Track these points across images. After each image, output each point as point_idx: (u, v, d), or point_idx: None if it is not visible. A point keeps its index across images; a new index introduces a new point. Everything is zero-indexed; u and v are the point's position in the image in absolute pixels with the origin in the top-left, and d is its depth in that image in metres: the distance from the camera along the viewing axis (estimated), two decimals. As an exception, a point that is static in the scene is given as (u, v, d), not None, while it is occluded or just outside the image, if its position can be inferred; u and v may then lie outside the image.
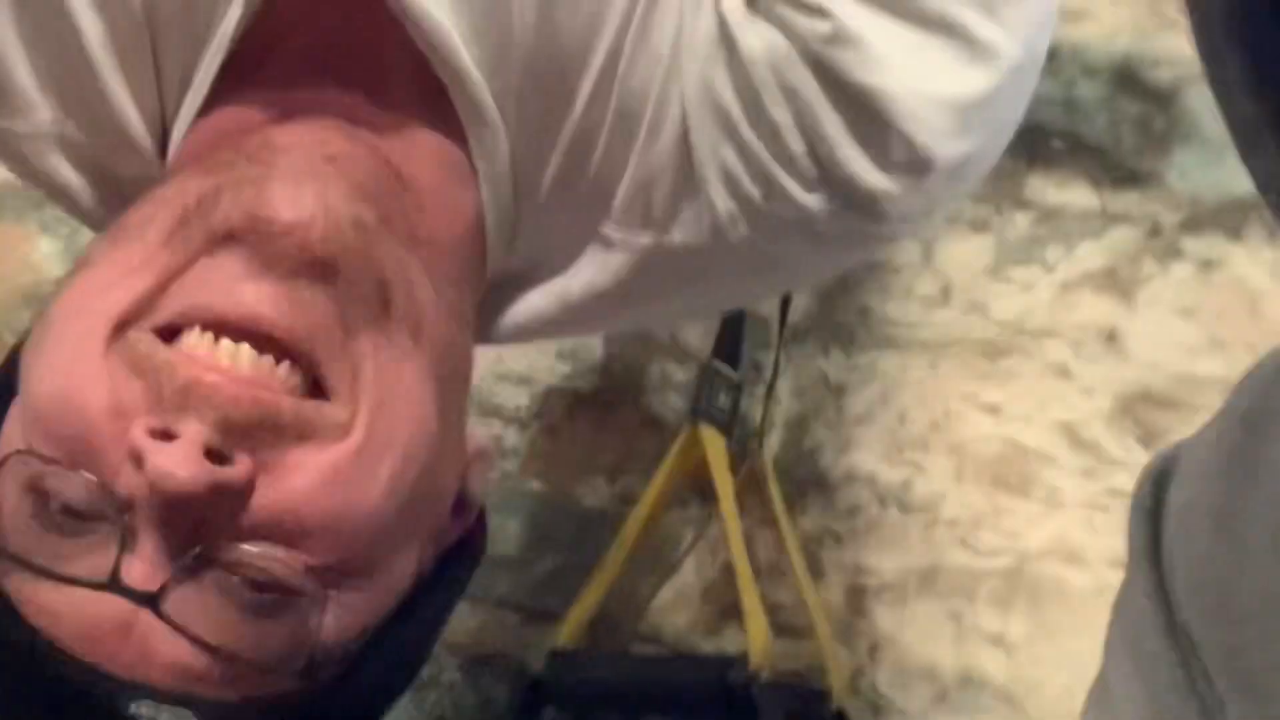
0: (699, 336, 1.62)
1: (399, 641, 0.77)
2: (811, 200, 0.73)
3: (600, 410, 1.65)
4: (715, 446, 1.52)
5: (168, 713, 0.69)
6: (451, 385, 0.77)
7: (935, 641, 1.55)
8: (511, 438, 1.65)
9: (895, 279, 1.67)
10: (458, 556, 0.82)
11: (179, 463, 0.65)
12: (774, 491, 1.55)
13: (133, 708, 0.68)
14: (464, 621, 1.57)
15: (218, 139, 0.73)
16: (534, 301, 0.84)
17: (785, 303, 1.58)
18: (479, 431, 0.84)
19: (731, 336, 1.57)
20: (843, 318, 1.67)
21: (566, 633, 1.49)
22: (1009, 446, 1.61)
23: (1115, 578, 1.62)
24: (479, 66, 0.73)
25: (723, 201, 0.74)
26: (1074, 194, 1.69)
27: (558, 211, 0.79)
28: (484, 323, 0.85)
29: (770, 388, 1.58)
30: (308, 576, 0.70)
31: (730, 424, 1.55)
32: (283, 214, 0.68)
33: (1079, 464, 1.59)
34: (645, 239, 0.77)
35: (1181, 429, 1.53)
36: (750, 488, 1.56)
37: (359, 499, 0.71)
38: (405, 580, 0.77)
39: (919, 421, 1.62)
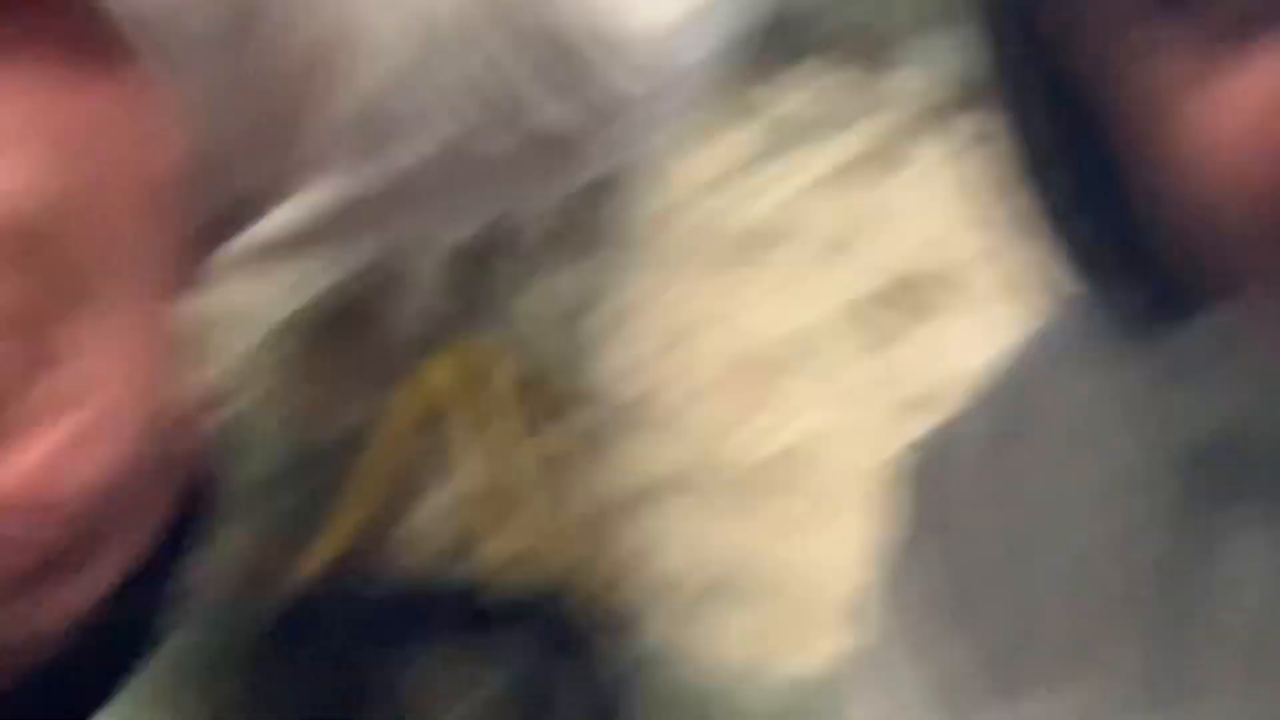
0: (436, 258, 1.61)
1: (139, 603, 0.76)
2: (501, 147, 0.72)
3: (338, 338, 1.64)
4: (453, 370, 1.52)
5: None
6: (165, 346, 0.76)
7: (685, 548, 1.57)
8: (249, 372, 1.63)
9: (631, 192, 1.68)
10: (194, 508, 0.81)
11: None
12: (515, 410, 1.55)
13: None
14: (215, 561, 1.55)
15: None
16: (243, 240, 0.83)
17: (528, 217, 1.58)
18: (202, 377, 0.83)
19: (478, 252, 1.56)
20: (581, 232, 1.67)
21: (315, 563, 1.48)
22: (750, 351, 1.64)
23: (860, 469, 1.65)
24: (166, 9, 0.71)
25: (405, 154, 0.73)
26: (803, 97, 1.72)
27: (251, 160, 0.78)
28: (199, 262, 0.83)
29: (508, 304, 1.58)
30: (27, 565, 0.69)
31: (469, 344, 1.54)
32: None
33: (817, 367, 1.62)
34: (331, 188, 0.76)
35: (917, 328, 1.58)
36: (493, 408, 1.57)
37: (77, 481, 0.69)
38: (139, 546, 0.76)
39: (661, 330, 1.64)
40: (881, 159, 1.69)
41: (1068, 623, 0.51)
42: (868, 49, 1.72)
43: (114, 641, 0.78)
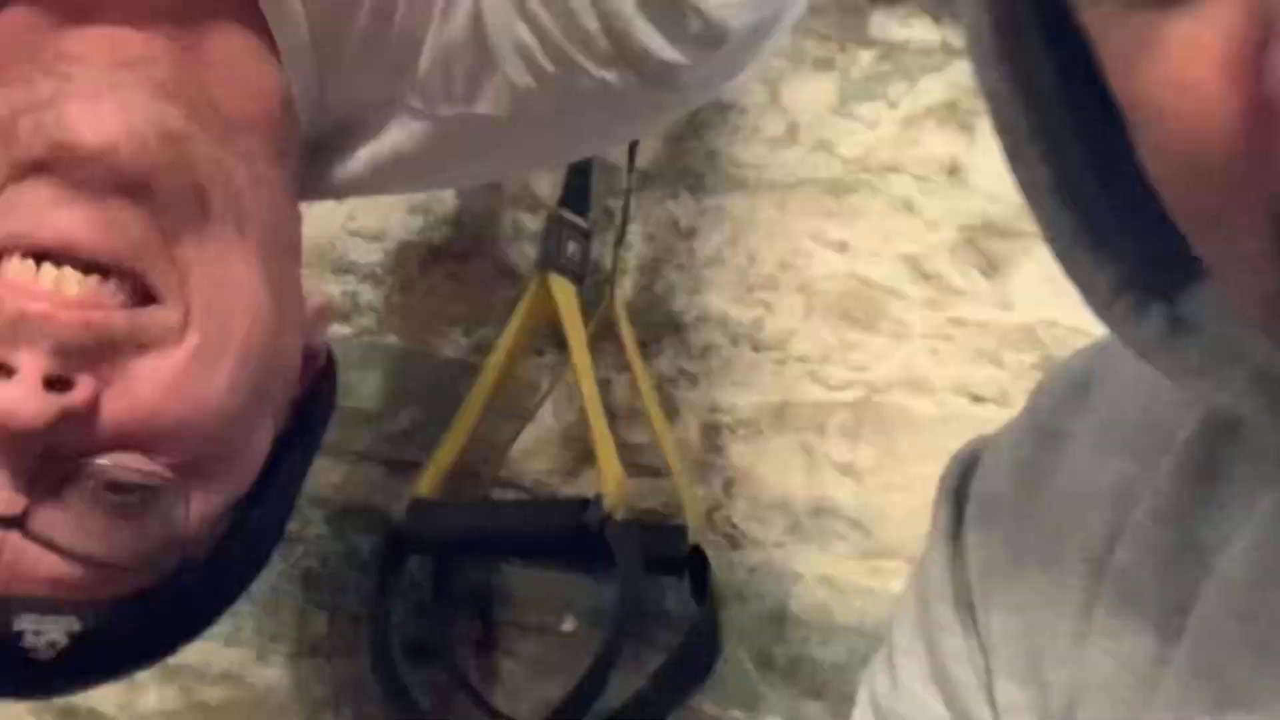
0: (549, 186, 1.63)
1: (265, 507, 0.80)
2: (608, 75, 0.74)
3: (454, 263, 1.67)
4: (566, 294, 1.54)
5: (50, 622, 0.71)
6: (283, 260, 0.79)
7: (788, 474, 1.59)
8: (367, 294, 1.66)
9: (742, 120, 1.69)
10: (311, 411, 0.84)
11: (20, 399, 0.66)
12: (627, 336, 1.57)
13: (16, 623, 0.70)
14: (328, 475, 1.59)
15: (8, 46, 0.72)
16: (349, 163, 0.85)
17: (632, 149, 1.59)
18: (321, 289, 0.86)
19: (579, 185, 1.58)
20: (691, 161, 1.68)
21: (427, 482, 1.52)
22: (856, 282, 1.64)
23: (958, 404, 1.67)
24: None
25: (520, 77, 0.75)
26: (916, 29, 1.71)
27: (362, 82, 0.80)
28: (309, 184, 0.86)
29: (620, 234, 1.60)
30: (166, 475, 0.72)
31: (581, 271, 1.57)
32: (86, 139, 0.68)
33: (923, 295, 1.62)
34: (448, 110, 0.78)
35: (1022, 258, 1.57)
36: (605, 333, 1.59)
37: (204, 397, 0.73)
38: (263, 452, 0.79)
39: (768, 261, 1.65)
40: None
41: (1084, 597, 0.52)
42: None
43: (242, 543, 0.81)
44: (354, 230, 1.66)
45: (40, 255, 0.68)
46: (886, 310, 1.64)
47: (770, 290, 1.65)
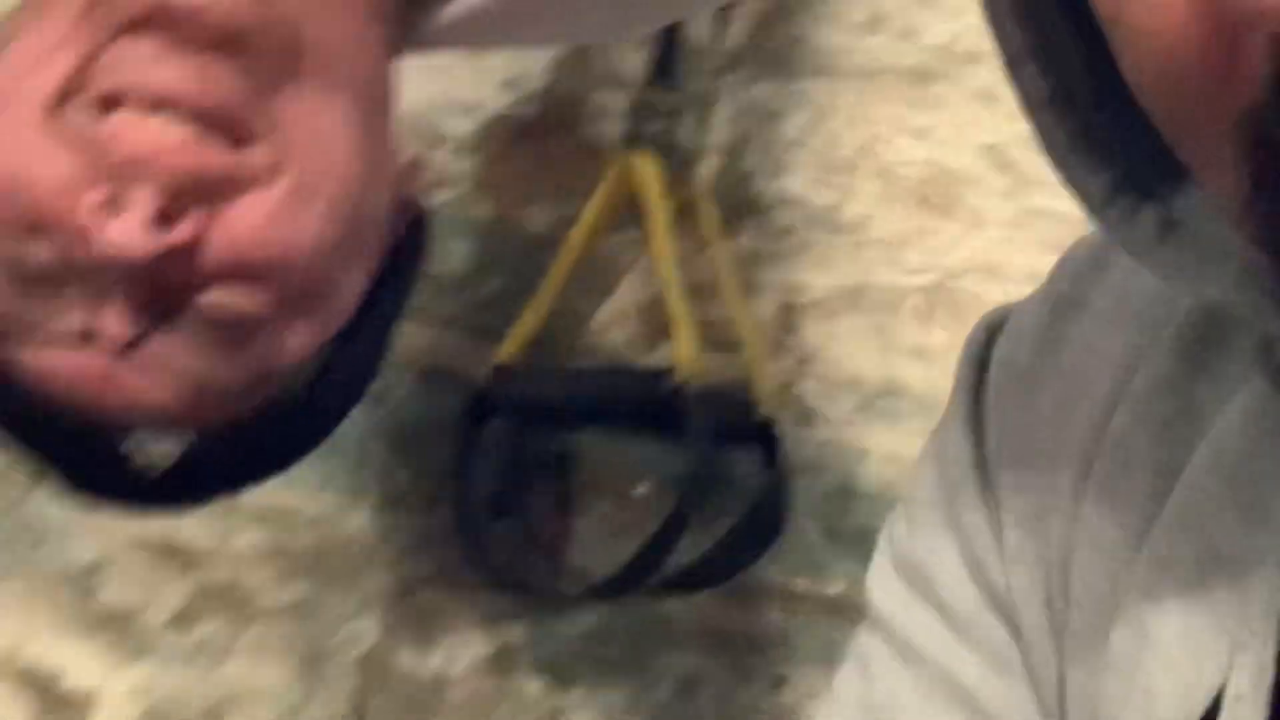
0: (636, 66, 1.67)
1: (358, 345, 0.85)
2: None
3: (543, 137, 1.71)
4: (649, 171, 1.58)
5: (157, 442, 0.77)
6: (375, 112, 0.83)
7: (861, 354, 1.64)
8: (456, 164, 1.71)
9: (827, 7, 1.72)
10: (401, 258, 0.88)
11: (131, 233, 0.71)
12: (708, 214, 1.62)
13: (127, 441, 0.76)
14: (414, 340, 1.66)
15: None
16: (439, 16, 0.89)
17: (720, 31, 1.63)
18: (413, 148, 0.90)
19: (667, 64, 1.62)
20: (776, 45, 1.71)
21: (510, 349, 1.58)
22: (935, 169, 1.68)
23: (1030, 292, 1.70)
24: None
25: None
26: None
27: None
28: (403, 36, 0.89)
29: (705, 114, 1.64)
30: (267, 307, 0.77)
31: (665, 150, 1.61)
32: None
33: (1001, 184, 1.66)
34: None
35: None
36: (686, 211, 1.63)
37: (299, 232, 0.77)
38: (356, 293, 0.84)
39: (848, 146, 1.69)
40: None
41: (1084, 459, 0.56)
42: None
43: (336, 378, 0.86)
44: (446, 103, 1.71)
45: (145, 106, 0.73)
46: (964, 198, 1.67)
47: (849, 174, 1.69)
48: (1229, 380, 0.53)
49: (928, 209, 1.67)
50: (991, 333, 0.63)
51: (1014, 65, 0.49)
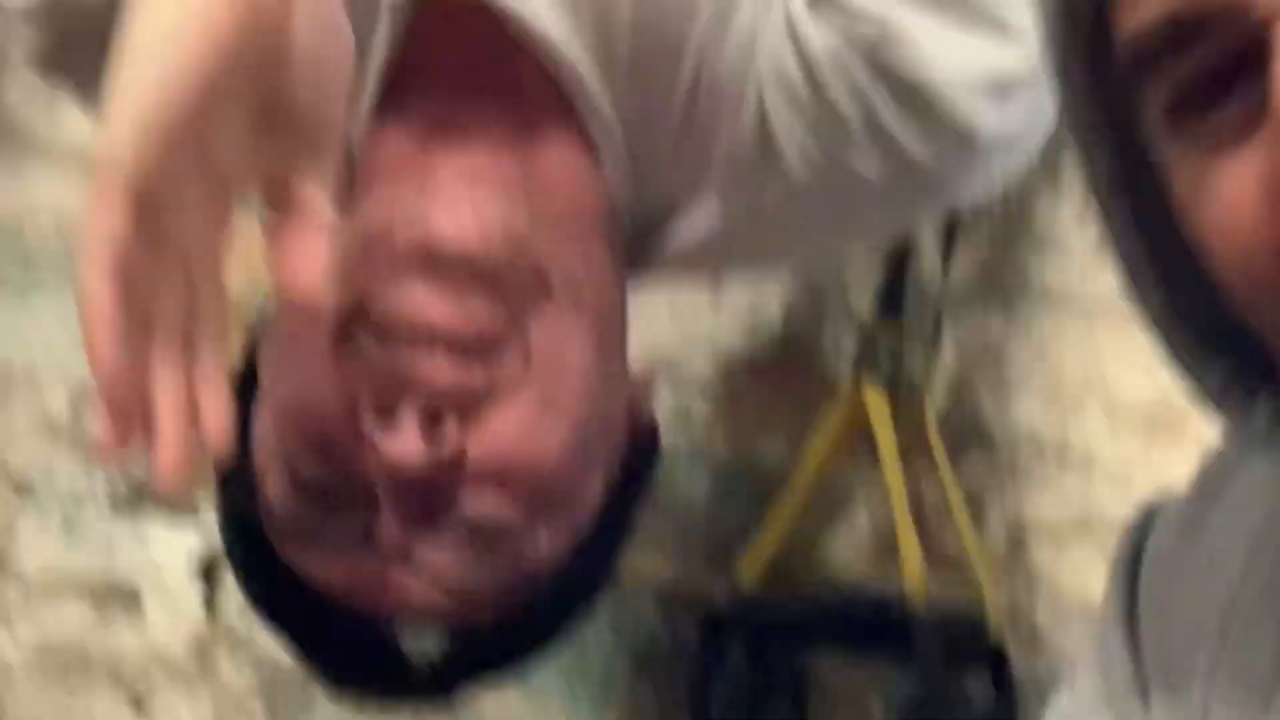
0: (866, 301, 1.75)
1: (598, 550, 0.93)
2: (875, 171, 0.86)
3: (778, 373, 1.80)
4: (878, 404, 1.66)
5: (426, 639, 0.86)
6: (611, 332, 0.92)
7: (1091, 580, 1.66)
8: (697, 401, 1.81)
9: (1052, 243, 1.79)
10: (635, 470, 0.97)
11: (405, 446, 0.82)
12: (936, 445, 1.68)
13: (400, 638, 0.86)
14: (658, 568, 1.74)
15: (388, 159, 0.88)
16: (664, 247, 0.98)
17: (946, 268, 1.71)
18: (642, 368, 0.98)
19: (894, 300, 1.70)
20: (1002, 279, 1.79)
21: (746, 575, 1.65)
22: (1161, 400, 1.71)
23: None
24: (592, 67, 0.88)
25: (798, 170, 0.88)
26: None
27: (671, 176, 0.93)
28: (632, 266, 0.99)
29: (933, 347, 1.71)
30: (520, 513, 0.86)
31: (894, 382, 1.68)
32: (448, 240, 0.84)
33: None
34: (736, 200, 0.91)
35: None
36: (916, 441, 1.70)
37: (547, 439, 0.86)
38: (597, 499, 0.92)
39: (1074, 378, 1.74)
40: None
41: (1220, 635, 0.60)
42: None
43: (579, 580, 0.94)
44: (688, 344, 1.82)
45: (415, 336, 0.84)
46: (1190, 428, 1.70)
47: (1076, 406, 1.73)
48: None
49: (1155, 439, 1.71)
50: (1145, 527, 0.67)
51: (1133, 276, 0.54)
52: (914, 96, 0.84)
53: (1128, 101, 0.49)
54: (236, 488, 0.87)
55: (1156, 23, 0.45)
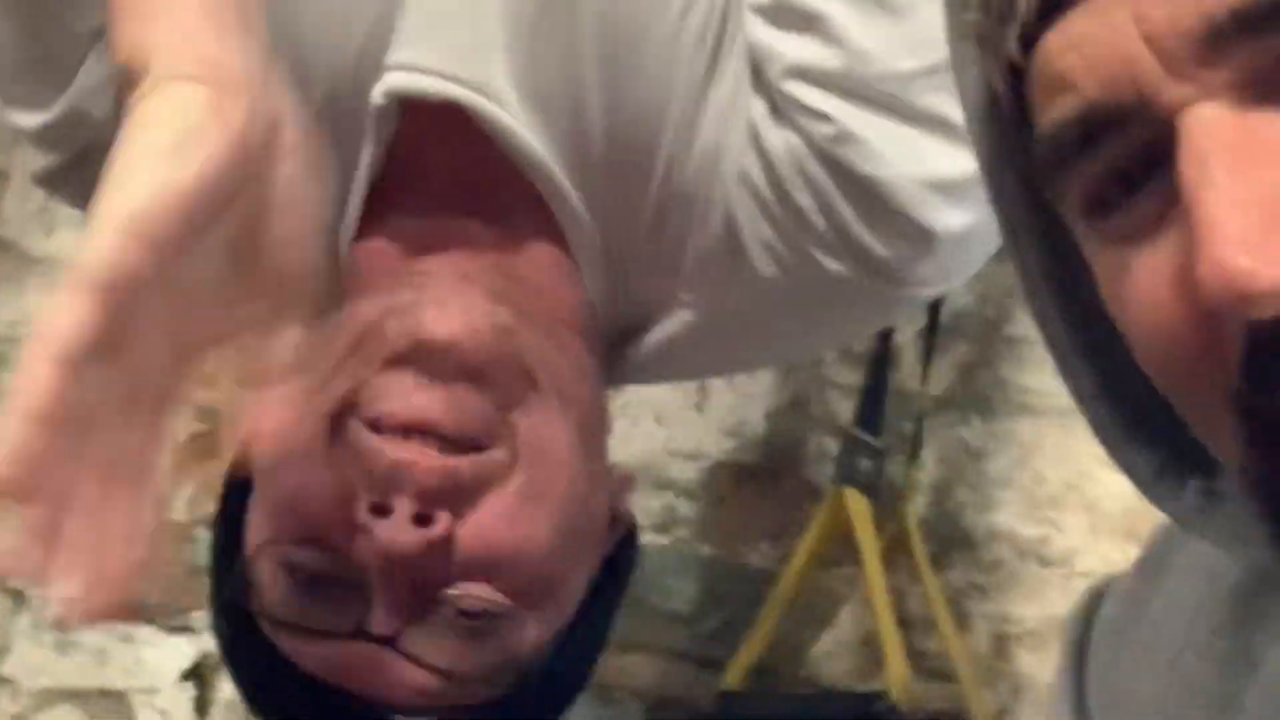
0: (848, 409, 1.79)
1: (582, 639, 0.95)
2: (838, 267, 0.89)
3: (762, 479, 1.83)
4: (860, 508, 1.68)
5: None
6: (593, 430, 0.95)
7: (1074, 682, 1.68)
8: (684, 508, 1.84)
9: (1030, 350, 1.82)
10: (616, 566, 0.99)
11: (397, 532, 0.84)
12: (919, 549, 1.70)
13: None
14: (645, 670, 1.76)
15: (376, 266, 0.92)
16: (639, 352, 1.01)
17: (925, 375, 1.74)
18: (620, 466, 1.01)
19: (875, 407, 1.73)
20: (981, 388, 1.82)
21: (733, 677, 1.66)
22: (1139, 502, 1.73)
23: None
24: (568, 176, 0.91)
25: (766, 268, 0.91)
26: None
27: (646, 283, 0.97)
28: (610, 370, 1.02)
29: (914, 454, 1.74)
30: (508, 602, 0.89)
31: (875, 487, 1.71)
32: (438, 335, 0.87)
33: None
34: (708, 300, 0.95)
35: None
36: (899, 546, 1.72)
37: (534, 528, 0.89)
38: (581, 590, 0.95)
39: (1054, 482, 1.77)
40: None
41: (1160, 700, 0.62)
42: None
43: (563, 670, 0.96)
44: (673, 450, 1.85)
45: (405, 428, 0.87)
46: (1169, 529, 1.72)
47: (1056, 509, 1.76)
48: (1269, 660, 0.57)
49: (1135, 540, 1.72)
50: (1092, 608, 0.69)
51: (1064, 361, 0.55)
52: (869, 194, 0.88)
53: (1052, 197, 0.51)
54: (230, 580, 0.89)
55: (1069, 120, 0.47)
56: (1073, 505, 1.76)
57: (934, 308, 1.70)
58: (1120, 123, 0.46)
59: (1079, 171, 0.48)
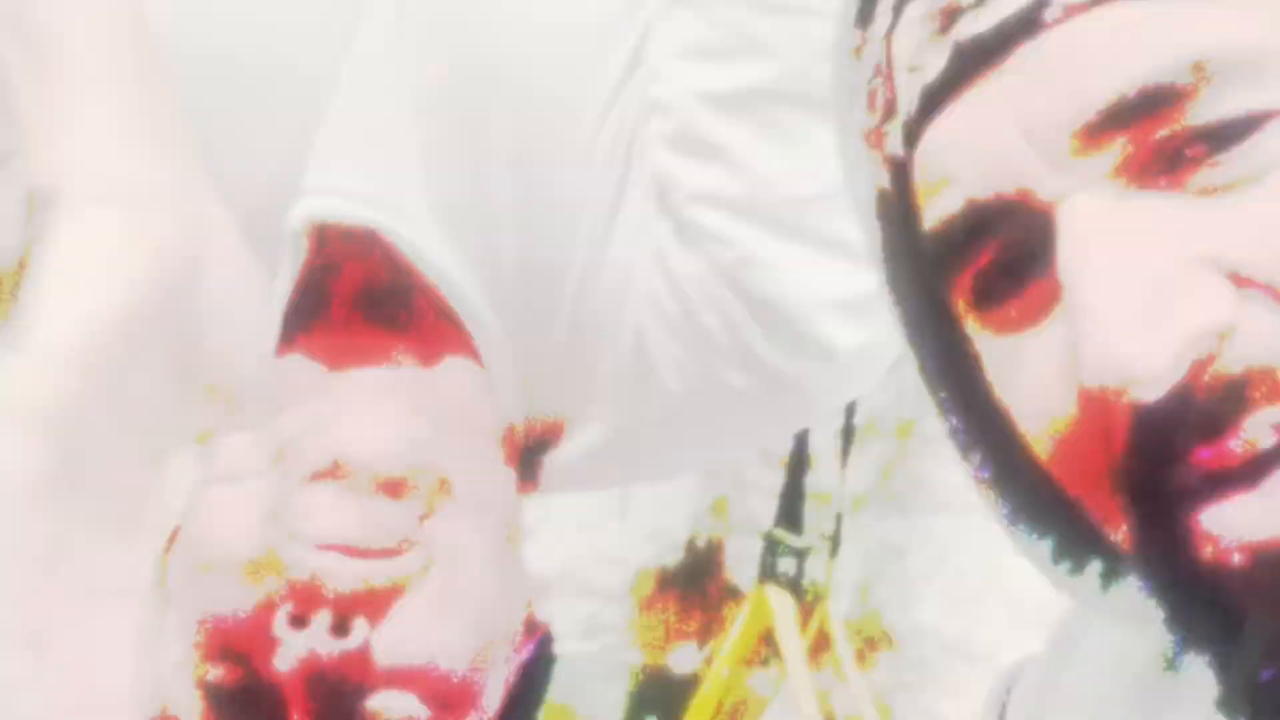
0: (768, 511, 1.80)
1: None
2: (744, 382, 0.91)
3: (686, 583, 1.84)
4: (783, 605, 1.69)
5: None
6: (507, 537, 0.96)
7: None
8: (609, 614, 1.84)
9: (946, 446, 1.84)
10: (532, 676, 0.99)
11: (315, 644, 0.85)
12: (843, 648, 1.71)
13: None
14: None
15: (297, 379, 0.93)
16: (554, 461, 1.02)
17: (844, 475, 1.76)
18: (536, 574, 1.02)
19: (794, 507, 1.74)
20: (900, 487, 1.84)
21: (662, 784, 1.66)
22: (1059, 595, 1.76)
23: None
24: (481, 295, 0.93)
25: (675, 384, 0.93)
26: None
27: (558, 396, 0.98)
28: (526, 478, 1.03)
29: (834, 552, 1.75)
30: (426, 710, 0.88)
31: (797, 587, 1.72)
32: (355, 452, 0.88)
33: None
34: (620, 414, 0.96)
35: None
36: (823, 645, 1.73)
37: (450, 634, 0.89)
38: (497, 699, 0.94)
39: (974, 576, 1.78)
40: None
41: None
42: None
43: None
44: (598, 556, 1.85)
45: (322, 542, 0.87)
46: (1089, 620, 1.74)
47: (978, 604, 1.77)
48: (1192, 686, 0.59)
49: (1056, 632, 1.75)
50: (1007, 689, 0.70)
51: (963, 449, 0.56)
52: (771, 314, 0.90)
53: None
54: (144, 697, 0.89)
55: (953, 216, 0.49)
56: (994, 599, 1.77)
57: (849, 409, 1.72)
58: (1002, 216, 0.48)
59: (965, 264, 0.49)
